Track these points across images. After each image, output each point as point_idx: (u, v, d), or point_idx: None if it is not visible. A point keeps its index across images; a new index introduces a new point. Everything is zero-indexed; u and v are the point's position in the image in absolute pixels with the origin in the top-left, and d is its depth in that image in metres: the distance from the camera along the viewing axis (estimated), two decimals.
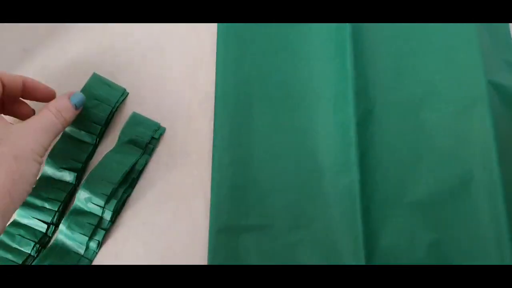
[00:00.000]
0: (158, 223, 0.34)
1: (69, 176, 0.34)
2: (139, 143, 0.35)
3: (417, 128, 0.36)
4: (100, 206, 0.32)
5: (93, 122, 0.34)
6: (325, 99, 0.37)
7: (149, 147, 0.36)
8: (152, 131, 0.36)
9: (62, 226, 0.32)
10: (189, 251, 0.33)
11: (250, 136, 0.36)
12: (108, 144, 0.36)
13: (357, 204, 0.33)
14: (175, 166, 0.36)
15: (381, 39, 0.38)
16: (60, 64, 0.38)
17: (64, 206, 0.34)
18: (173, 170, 0.36)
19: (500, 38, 0.39)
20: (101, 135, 0.36)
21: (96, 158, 0.35)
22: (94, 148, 0.35)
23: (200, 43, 0.39)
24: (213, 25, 0.39)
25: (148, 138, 0.35)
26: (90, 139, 0.35)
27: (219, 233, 0.33)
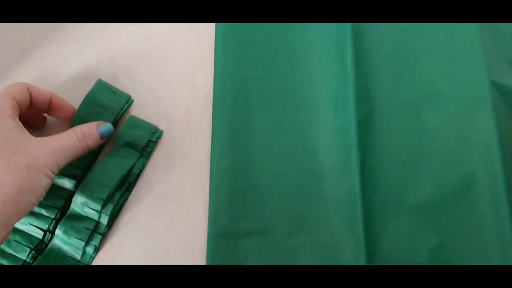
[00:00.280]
0: (156, 227, 0.34)
1: (69, 184, 0.34)
2: (136, 146, 0.35)
3: (419, 129, 0.35)
4: (97, 211, 0.32)
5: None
6: (325, 101, 0.36)
7: (147, 150, 0.35)
8: (150, 134, 0.35)
9: (59, 231, 0.32)
10: (187, 255, 0.33)
11: (249, 139, 0.35)
12: (105, 147, 0.36)
13: (358, 207, 0.33)
14: (173, 169, 0.35)
15: (382, 39, 0.38)
16: (57, 66, 0.38)
17: (62, 214, 0.33)
18: (171, 173, 0.35)
19: (503, 38, 0.38)
20: (104, 143, 0.35)
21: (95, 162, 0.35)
22: (96, 156, 0.35)
23: (199, 44, 0.38)
24: (212, 25, 0.39)
25: (146, 141, 0.35)
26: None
27: (218, 238, 0.33)
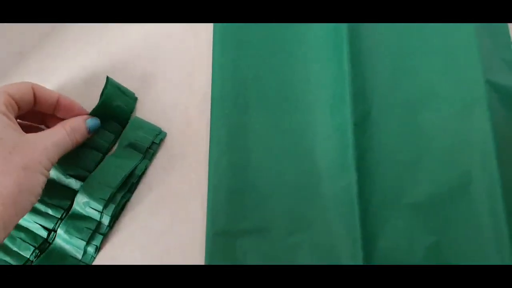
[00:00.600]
0: (155, 227, 0.34)
1: (76, 184, 0.34)
2: (139, 148, 0.35)
3: (415, 129, 0.35)
4: (98, 211, 0.32)
5: (108, 131, 0.35)
6: (323, 101, 0.36)
7: (149, 152, 0.35)
8: (153, 136, 0.35)
9: (60, 230, 0.32)
10: (187, 256, 0.33)
11: (247, 139, 0.35)
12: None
13: (355, 206, 0.33)
14: (173, 169, 0.35)
15: (379, 40, 0.38)
16: (56, 67, 0.38)
17: (67, 214, 0.33)
18: (170, 174, 0.35)
19: (499, 38, 0.38)
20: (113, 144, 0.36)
21: None
22: (103, 157, 0.35)
23: (198, 44, 0.39)
24: (211, 26, 0.39)
25: (149, 143, 0.35)
26: (103, 148, 0.35)
27: (216, 237, 0.33)
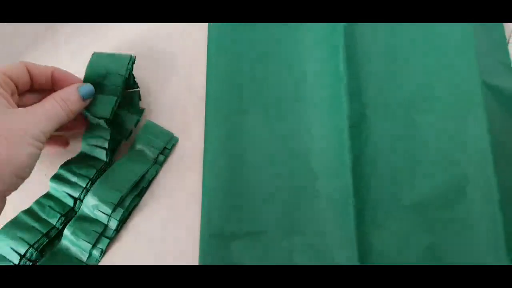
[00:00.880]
0: (150, 228, 0.34)
1: (102, 154, 0.34)
2: (151, 152, 0.35)
3: (412, 131, 0.35)
4: (107, 214, 0.32)
5: (110, 95, 0.33)
6: (318, 102, 0.36)
7: (161, 157, 0.35)
8: (165, 141, 0.35)
9: (67, 232, 0.32)
10: (183, 258, 0.33)
11: (242, 140, 0.35)
12: (122, 150, 0.36)
13: (351, 208, 0.32)
14: (169, 171, 0.35)
15: (375, 40, 0.37)
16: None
17: (92, 183, 0.34)
18: (167, 175, 0.35)
19: (496, 39, 0.38)
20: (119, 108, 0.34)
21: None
22: (121, 140, 0.35)
23: (195, 44, 0.38)
24: (207, 26, 0.38)
25: (161, 148, 0.35)
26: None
27: (211, 239, 0.32)
